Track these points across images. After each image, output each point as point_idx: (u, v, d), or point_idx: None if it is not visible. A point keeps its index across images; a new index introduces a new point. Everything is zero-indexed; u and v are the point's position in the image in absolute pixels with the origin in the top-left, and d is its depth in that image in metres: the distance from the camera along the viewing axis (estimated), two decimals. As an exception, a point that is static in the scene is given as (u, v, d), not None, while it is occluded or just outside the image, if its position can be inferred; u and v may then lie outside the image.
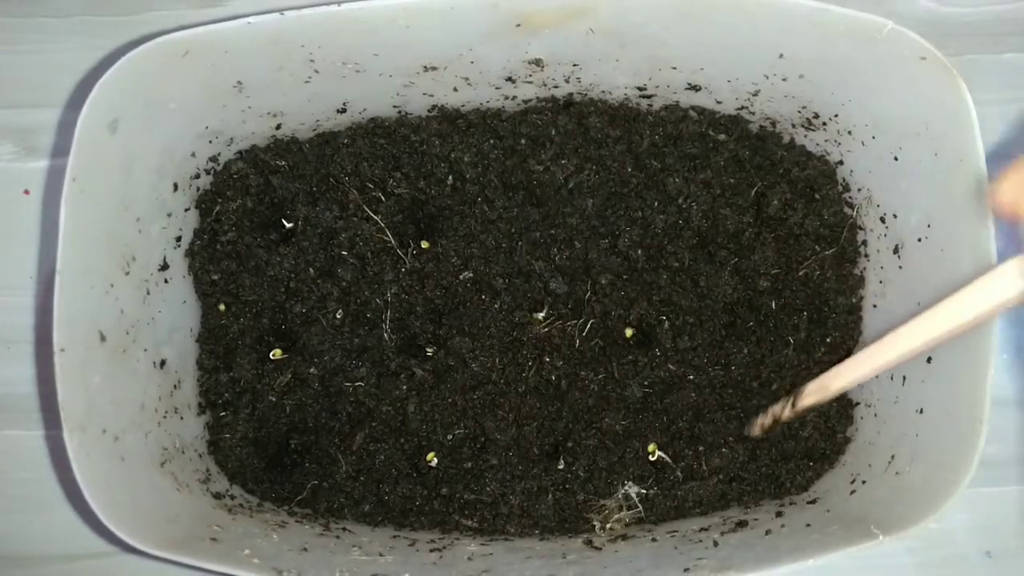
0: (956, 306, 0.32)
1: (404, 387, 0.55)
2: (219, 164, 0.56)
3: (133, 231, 0.50)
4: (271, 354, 0.56)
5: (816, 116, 0.53)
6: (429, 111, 0.56)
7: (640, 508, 0.54)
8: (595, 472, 0.54)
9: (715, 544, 0.49)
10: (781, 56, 0.48)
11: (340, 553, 0.49)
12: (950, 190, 0.46)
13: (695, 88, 0.53)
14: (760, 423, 0.52)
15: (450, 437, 0.55)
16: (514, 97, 0.55)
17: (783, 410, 0.50)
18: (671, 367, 0.55)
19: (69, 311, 0.43)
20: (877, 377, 0.53)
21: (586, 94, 0.55)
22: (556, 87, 0.54)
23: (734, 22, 0.45)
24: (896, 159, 0.50)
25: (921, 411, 0.49)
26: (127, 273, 0.49)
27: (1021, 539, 0.58)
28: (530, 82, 0.53)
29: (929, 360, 0.48)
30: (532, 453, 0.55)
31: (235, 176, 0.57)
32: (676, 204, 0.56)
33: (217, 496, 0.53)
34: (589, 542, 0.52)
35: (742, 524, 0.52)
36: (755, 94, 0.53)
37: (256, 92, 0.51)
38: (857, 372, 0.44)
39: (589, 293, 0.55)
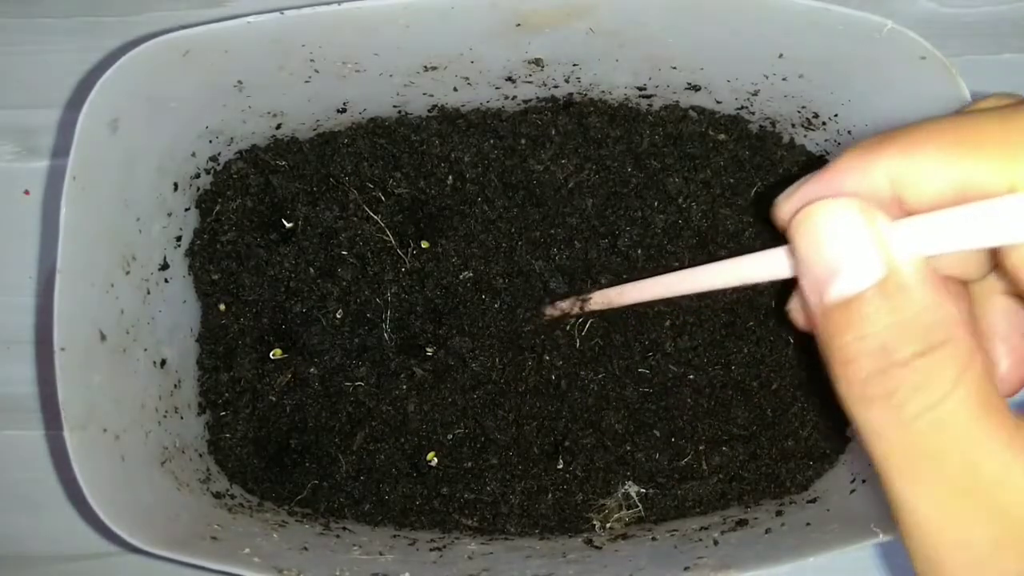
0: (738, 268, 0.36)
1: (404, 387, 0.55)
2: (219, 164, 0.56)
3: (133, 230, 0.50)
4: (271, 354, 0.56)
5: (816, 116, 0.53)
6: (429, 111, 0.56)
7: (640, 507, 0.54)
8: (594, 471, 0.54)
9: (715, 543, 0.49)
10: (781, 56, 0.48)
11: (340, 552, 0.49)
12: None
13: (695, 88, 0.53)
14: (549, 312, 0.54)
15: (450, 437, 0.55)
16: (514, 97, 0.55)
17: (572, 307, 0.53)
18: (671, 367, 0.55)
19: (69, 310, 0.43)
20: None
21: (586, 94, 0.55)
22: (556, 87, 0.54)
23: (734, 21, 0.45)
24: (896, 159, 0.50)
25: (921, 410, 0.49)
26: (127, 272, 0.49)
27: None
28: (530, 82, 0.53)
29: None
30: (532, 453, 0.55)
31: (235, 176, 0.57)
32: (676, 204, 0.56)
33: (217, 495, 0.53)
34: (589, 541, 0.52)
35: (742, 523, 0.52)
36: (755, 94, 0.53)
37: (256, 91, 0.51)
38: (638, 295, 0.47)
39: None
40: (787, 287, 0.35)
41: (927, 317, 0.26)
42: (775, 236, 0.56)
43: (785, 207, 0.32)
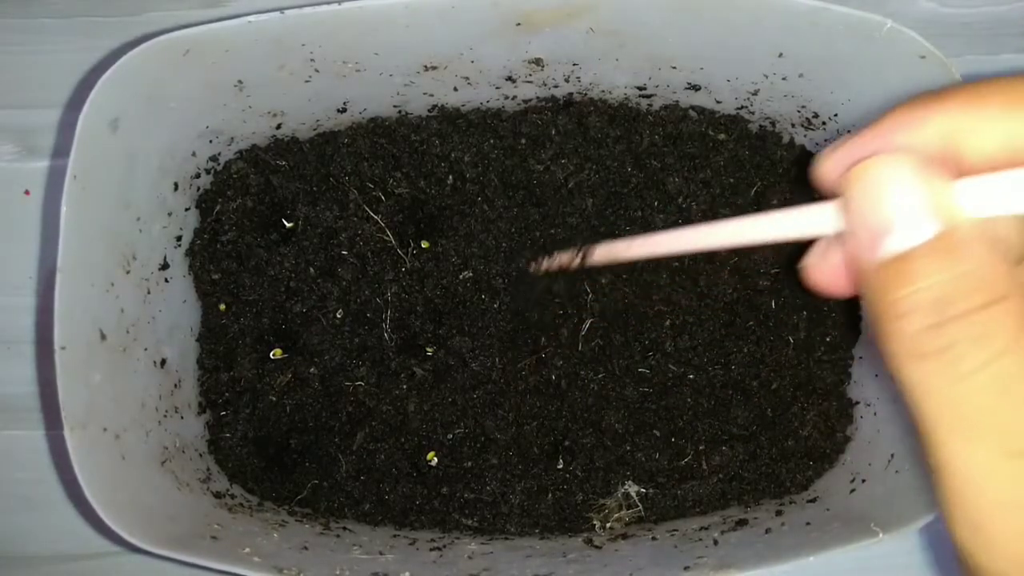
0: (772, 223, 0.34)
1: (404, 386, 0.55)
2: (219, 164, 0.56)
3: (134, 230, 0.50)
4: (271, 354, 0.56)
5: (816, 116, 0.53)
6: (429, 111, 0.56)
7: (640, 507, 0.54)
8: (594, 471, 0.54)
9: (715, 543, 0.49)
10: (781, 55, 0.48)
11: (340, 552, 0.49)
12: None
13: (695, 88, 0.53)
14: (545, 265, 0.52)
15: (450, 436, 0.55)
16: (514, 97, 0.55)
17: (571, 261, 0.50)
18: (671, 367, 0.55)
19: (70, 309, 0.43)
20: (876, 376, 0.53)
21: (586, 94, 0.55)
22: (556, 87, 0.54)
23: (734, 21, 0.45)
24: (895, 158, 0.50)
25: (921, 410, 0.49)
26: (128, 272, 0.49)
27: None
28: (530, 82, 0.53)
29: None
30: (532, 452, 0.55)
31: (235, 176, 0.57)
32: (676, 203, 0.56)
33: (217, 495, 0.53)
34: (589, 541, 0.52)
35: (742, 523, 0.52)
36: (755, 93, 0.53)
37: (256, 91, 0.51)
38: (650, 249, 0.44)
39: (589, 293, 0.55)
40: (800, 249, 0.34)
41: (985, 273, 0.25)
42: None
43: (829, 163, 0.31)
